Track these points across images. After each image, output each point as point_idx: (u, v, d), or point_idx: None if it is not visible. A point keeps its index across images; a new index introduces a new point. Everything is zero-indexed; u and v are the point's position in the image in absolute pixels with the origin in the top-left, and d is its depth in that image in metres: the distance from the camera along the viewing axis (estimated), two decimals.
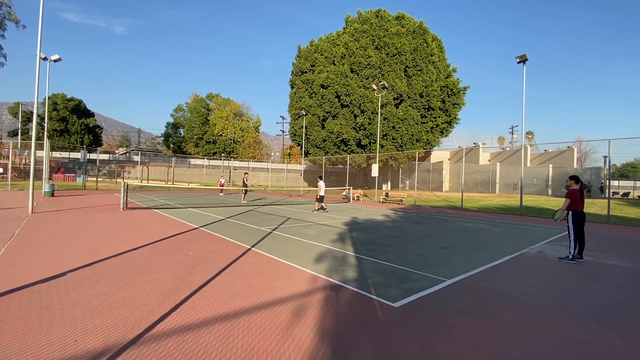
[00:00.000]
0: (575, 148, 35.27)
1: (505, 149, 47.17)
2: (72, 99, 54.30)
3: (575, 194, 6.16)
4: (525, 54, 15.45)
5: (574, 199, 6.14)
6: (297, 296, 3.77)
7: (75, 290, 3.74)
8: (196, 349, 2.55)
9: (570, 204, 6.16)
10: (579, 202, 6.14)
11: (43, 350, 2.45)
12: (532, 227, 10.89)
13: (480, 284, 4.47)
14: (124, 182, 13.03)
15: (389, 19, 33.02)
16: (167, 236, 7.25)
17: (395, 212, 15.09)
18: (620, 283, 4.71)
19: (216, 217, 11.05)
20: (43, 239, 6.62)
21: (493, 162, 38.18)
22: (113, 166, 42.99)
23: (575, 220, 6.11)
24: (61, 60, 18.54)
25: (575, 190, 6.19)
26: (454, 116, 33.50)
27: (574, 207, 6.16)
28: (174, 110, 60.01)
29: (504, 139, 66.85)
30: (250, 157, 54.64)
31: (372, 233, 8.49)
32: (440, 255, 6.15)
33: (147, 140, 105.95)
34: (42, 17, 10.21)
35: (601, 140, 15.07)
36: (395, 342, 2.76)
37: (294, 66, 38.00)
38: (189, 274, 4.47)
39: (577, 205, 6.15)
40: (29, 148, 32.88)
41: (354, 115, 32.37)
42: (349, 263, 5.33)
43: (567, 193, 6.24)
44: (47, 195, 17.44)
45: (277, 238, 7.45)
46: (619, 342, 2.90)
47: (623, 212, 16.40)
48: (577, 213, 6.14)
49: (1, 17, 27.36)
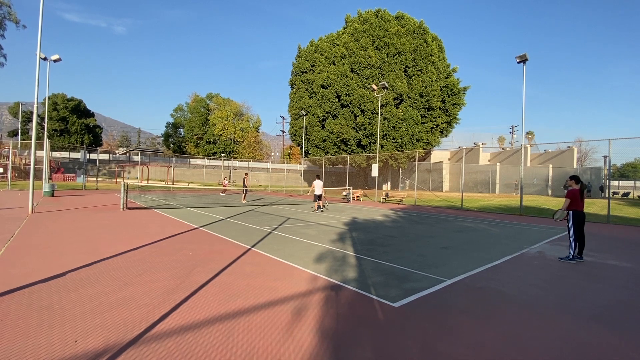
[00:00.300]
0: (575, 148, 35.29)
1: (505, 149, 47.18)
2: (72, 99, 54.31)
3: (576, 194, 6.17)
4: (525, 54, 15.45)
5: (574, 199, 6.15)
6: (297, 296, 3.77)
7: (75, 290, 3.74)
8: (196, 348, 2.55)
9: (570, 204, 6.17)
10: (579, 202, 6.15)
11: (43, 350, 2.45)
12: (532, 227, 10.89)
13: (480, 284, 4.47)
14: (124, 182, 13.03)
15: (388, 19, 33.02)
16: (167, 236, 7.25)
17: (395, 212, 15.09)
18: (620, 283, 4.71)
19: (216, 217, 11.05)
20: (43, 239, 6.62)
21: (493, 162, 38.19)
22: (113, 166, 43.00)
23: (575, 220, 6.11)
24: (61, 60, 18.54)
25: (575, 190, 6.20)
26: (454, 116, 33.52)
27: (574, 207, 6.16)
28: (174, 110, 60.07)
29: (504, 139, 66.89)
30: (250, 157, 54.64)
31: (372, 233, 8.49)
32: (440, 255, 6.15)
33: (147, 140, 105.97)
34: (42, 17, 10.21)
35: (601, 140, 15.08)
36: (395, 342, 2.76)
37: (294, 66, 38.00)
38: (189, 274, 4.47)
39: (577, 206, 6.15)
40: (29, 148, 32.88)
41: (354, 115, 32.37)
42: (349, 263, 5.33)
43: (567, 193, 6.25)
44: (47, 195, 17.44)
45: (277, 238, 7.45)
46: (619, 342, 2.90)
47: (623, 212, 16.40)
48: (577, 213, 6.14)
49: (1, 17, 27.37)
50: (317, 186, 14.20)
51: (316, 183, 14.29)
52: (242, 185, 18.98)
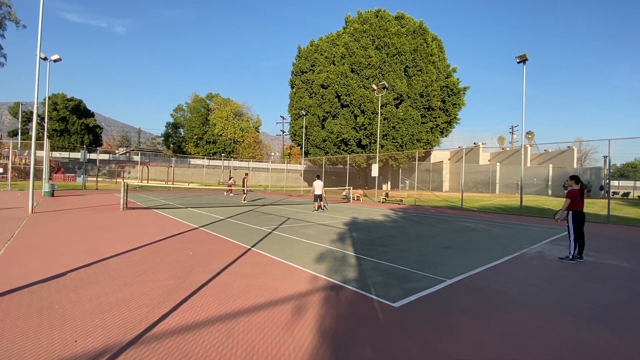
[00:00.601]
0: (575, 148, 35.29)
1: (505, 149, 47.18)
2: (72, 99, 54.29)
3: (575, 194, 6.18)
4: (525, 54, 15.45)
5: (574, 199, 6.16)
6: (297, 296, 3.77)
7: (75, 290, 3.74)
8: (196, 348, 2.55)
9: (571, 204, 6.18)
10: (579, 202, 6.17)
11: (43, 350, 2.45)
12: (532, 227, 10.88)
13: (480, 284, 4.47)
14: (124, 182, 13.03)
15: (388, 19, 33.02)
16: (167, 236, 7.25)
17: (395, 212, 15.09)
18: (620, 283, 4.71)
19: (216, 217, 11.05)
20: (43, 239, 6.62)
21: (493, 162, 38.17)
22: (113, 166, 42.99)
23: (575, 220, 6.12)
24: (61, 60, 18.53)
25: (575, 190, 6.22)
26: (454, 116, 33.52)
27: (574, 207, 6.17)
28: (174, 110, 60.06)
29: (504, 139, 66.89)
30: (250, 157, 54.64)
31: (372, 233, 8.49)
32: (440, 255, 6.15)
33: (147, 140, 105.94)
34: (42, 17, 10.20)
35: (601, 140, 15.07)
36: (395, 342, 2.76)
37: (294, 66, 38.00)
38: (189, 274, 4.47)
39: (577, 206, 6.16)
40: (29, 148, 32.88)
41: (354, 115, 32.36)
42: (349, 263, 5.33)
43: (567, 193, 6.27)
44: (47, 195, 17.44)
45: (277, 238, 7.45)
46: (619, 342, 2.90)
47: (623, 212, 16.40)
48: (577, 213, 6.15)
49: (1, 17, 27.37)
50: (317, 186, 14.22)
51: (316, 183, 14.31)
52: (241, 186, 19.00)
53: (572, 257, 6.02)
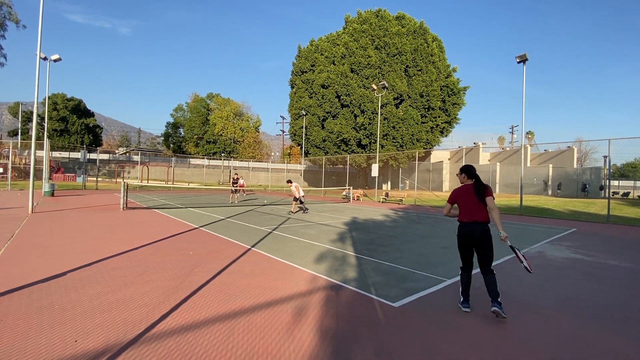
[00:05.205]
0: (575, 148, 35.32)
1: (505, 149, 47.19)
2: (72, 99, 54.28)
3: (461, 194, 3.55)
4: (525, 54, 15.44)
5: (458, 201, 3.59)
6: (297, 296, 3.77)
7: (75, 290, 3.74)
8: (196, 348, 2.55)
9: (454, 210, 3.70)
10: (466, 208, 3.47)
11: (43, 350, 2.45)
12: (532, 227, 10.88)
13: (480, 283, 4.47)
14: (124, 182, 13.03)
15: (389, 19, 33.03)
16: (167, 236, 7.25)
17: (395, 212, 15.09)
18: (620, 283, 4.71)
19: (216, 217, 11.05)
20: (43, 239, 6.62)
21: (493, 162, 38.19)
22: (113, 166, 42.97)
23: (458, 238, 3.57)
24: (61, 60, 18.53)
25: (462, 188, 3.59)
26: (454, 116, 33.53)
27: (459, 218, 3.57)
28: (174, 110, 60.08)
29: (504, 139, 66.93)
30: (250, 157, 54.64)
31: (372, 233, 8.49)
32: (440, 255, 6.15)
33: (147, 140, 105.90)
34: (42, 17, 10.20)
35: (601, 140, 15.06)
36: (395, 342, 2.76)
37: (294, 66, 37.99)
38: (189, 274, 4.47)
39: (463, 214, 3.50)
40: (29, 148, 32.87)
41: (354, 115, 32.36)
42: (349, 263, 5.33)
43: (451, 194, 3.66)
44: (47, 195, 17.43)
45: (277, 238, 7.45)
46: (619, 342, 2.90)
47: (623, 212, 16.39)
48: (461, 227, 3.53)
49: (1, 17, 27.37)
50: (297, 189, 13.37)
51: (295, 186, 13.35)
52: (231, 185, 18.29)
53: (461, 300, 3.58)
